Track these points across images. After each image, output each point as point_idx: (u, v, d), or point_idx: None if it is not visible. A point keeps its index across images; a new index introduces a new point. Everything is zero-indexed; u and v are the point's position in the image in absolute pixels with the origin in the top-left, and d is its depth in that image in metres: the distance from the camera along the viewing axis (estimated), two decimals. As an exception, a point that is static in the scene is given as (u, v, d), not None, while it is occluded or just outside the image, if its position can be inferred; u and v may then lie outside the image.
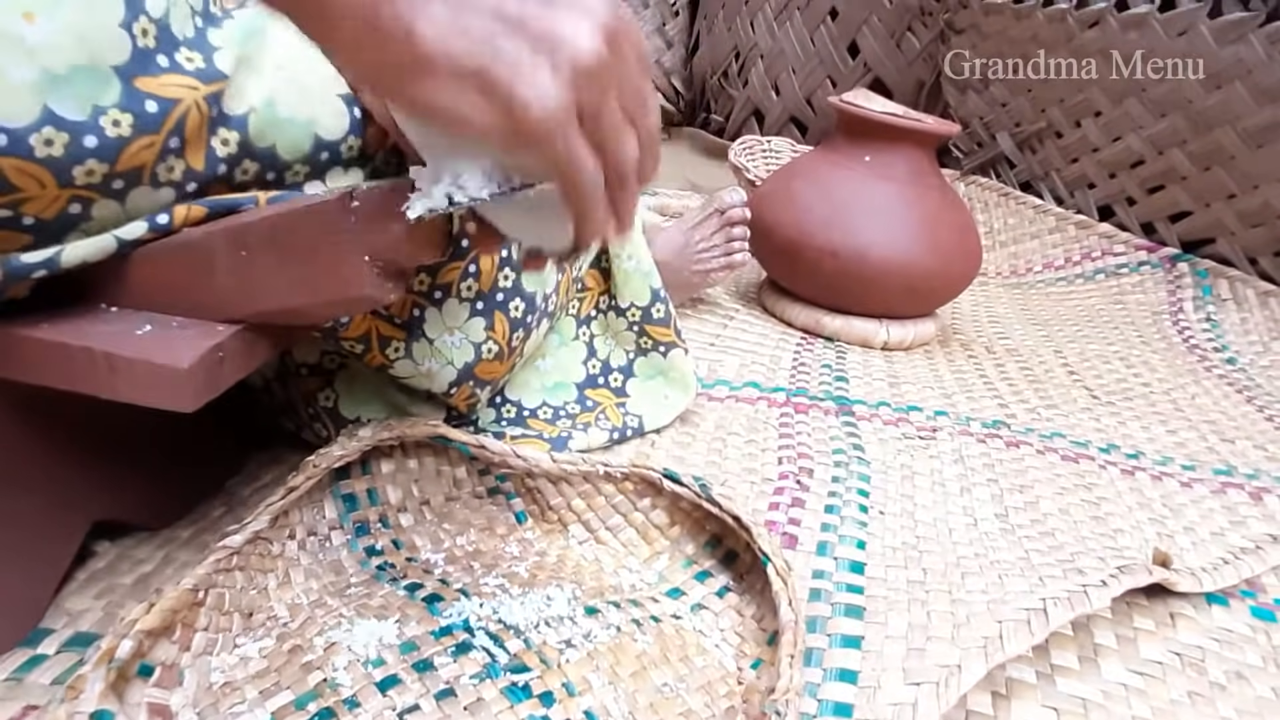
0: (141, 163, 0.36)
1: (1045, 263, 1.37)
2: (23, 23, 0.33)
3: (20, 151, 0.33)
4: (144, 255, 0.37)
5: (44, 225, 0.35)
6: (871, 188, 0.95)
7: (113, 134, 0.35)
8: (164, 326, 0.36)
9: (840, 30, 1.74)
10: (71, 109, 0.34)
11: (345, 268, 0.35)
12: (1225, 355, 1.11)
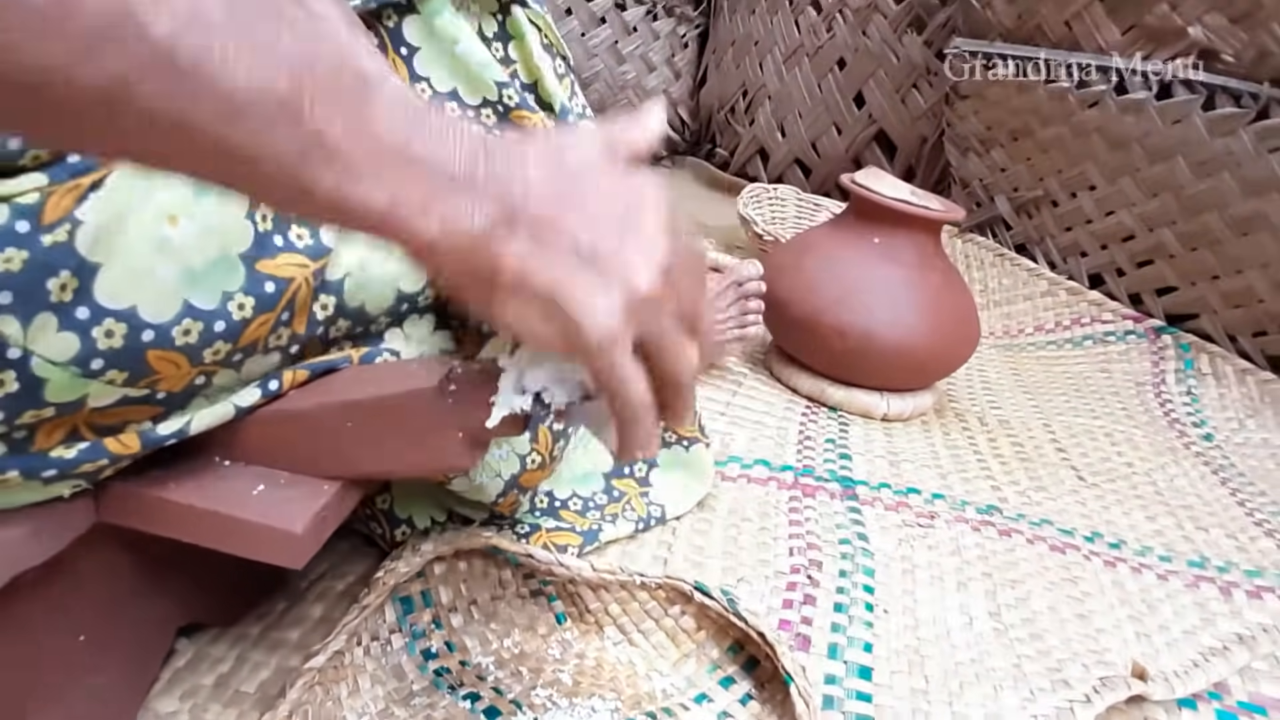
0: (258, 336, 0.41)
1: (1037, 325, 1.43)
2: (167, 226, 0.37)
3: (163, 343, 0.37)
4: (257, 419, 0.41)
5: (173, 397, 0.39)
6: (880, 271, 1.01)
7: (238, 316, 0.39)
8: (274, 485, 0.41)
9: (847, 80, 1.79)
10: (206, 300, 0.38)
11: (440, 441, 0.40)
12: (1203, 431, 1.17)
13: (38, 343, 0.33)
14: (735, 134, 2.10)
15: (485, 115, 0.63)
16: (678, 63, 2.25)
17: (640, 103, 2.20)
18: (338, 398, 0.40)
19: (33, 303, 0.33)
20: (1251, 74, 1.14)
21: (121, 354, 0.35)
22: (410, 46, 0.62)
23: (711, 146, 2.24)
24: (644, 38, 2.19)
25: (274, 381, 0.42)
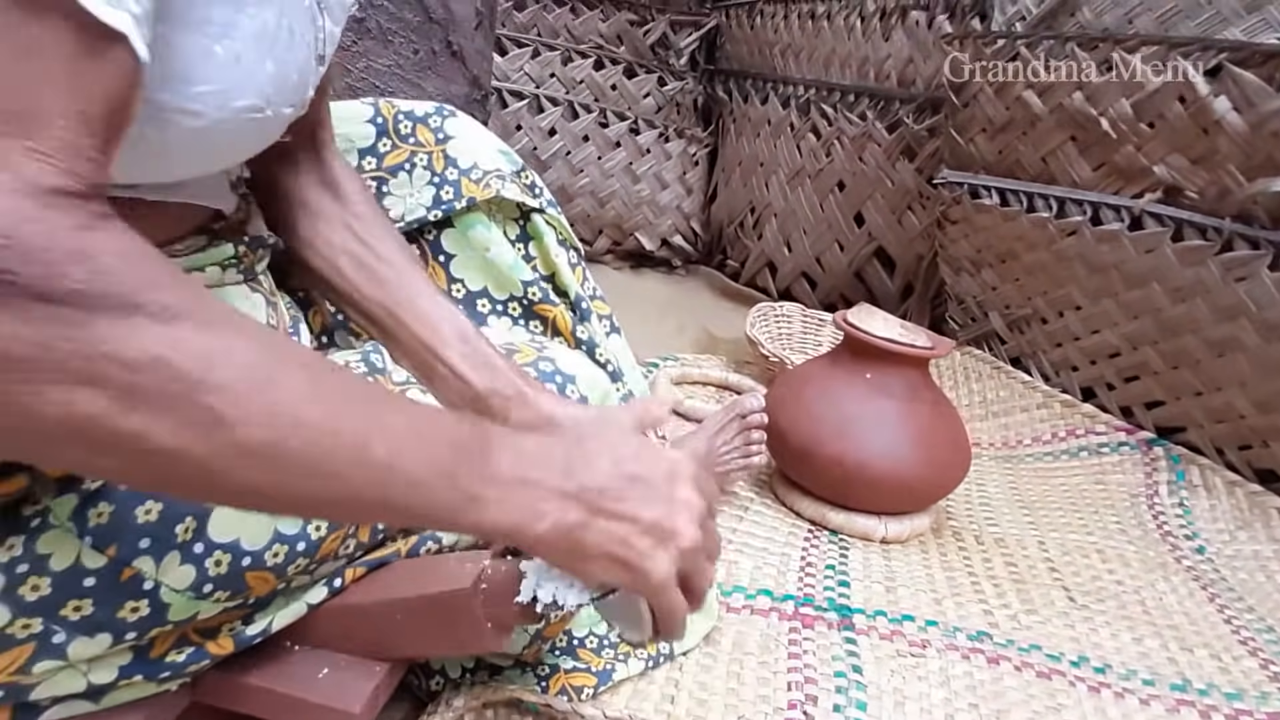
0: (331, 550, 0.50)
1: (1034, 436, 1.50)
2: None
3: (258, 565, 0.46)
4: (323, 612, 0.50)
5: (259, 601, 0.48)
6: (872, 404, 1.09)
7: (315, 537, 0.48)
8: (335, 667, 0.49)
9: (847, 201, 1.91)
10: (290, 527, 0.47)
11: (473, 629, 0.48)
12: (1195, 544, 1.22)
13: (166, 575, 0.43)
14: (745, 247, 2.22)
15: (512, 308, 0.74)
16: (689, 180, 2.40)
17: (655, 218, 2.34)
18: (390, 595, 0.49)
19: (164, 544, 0.42)
20: (1214, 210, 1.23)
21: (227, 578, 0.44)
22: (448, 254, 0.73)
23: (723, 257, 2.36)
24: (657, 158, 2.34)
25: (338, 579, 0.51)
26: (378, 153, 0.72)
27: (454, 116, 0.74)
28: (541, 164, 2.23)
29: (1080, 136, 1.37)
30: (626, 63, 2.30)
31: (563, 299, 0.75)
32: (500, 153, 0.74)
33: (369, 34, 1.24)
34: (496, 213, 0.73)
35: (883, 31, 1.82)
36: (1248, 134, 1.17)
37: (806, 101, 2.02)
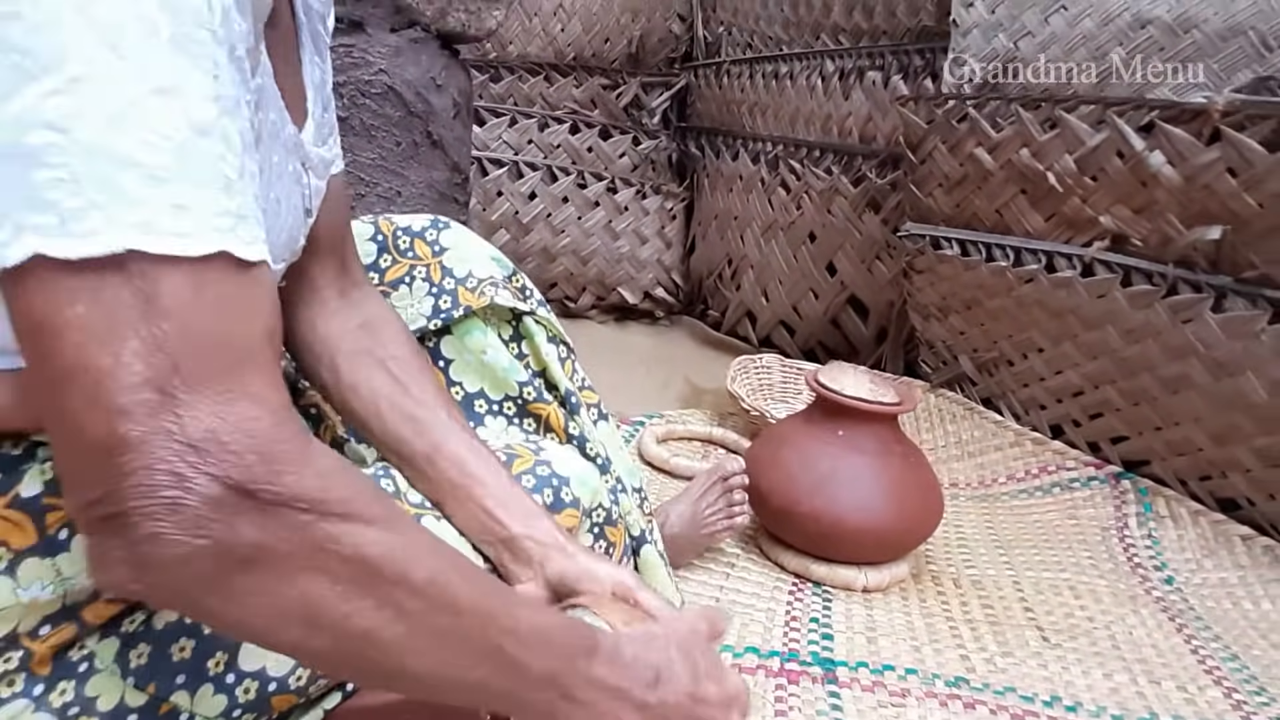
0: None
1: (1008, 474, 1.56)
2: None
3: (282, 689, 0.51)
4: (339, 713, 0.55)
5: (281, 715, 0.53)
6: (845, 461, 1.15)
7: None
8: (350, 764, 0.54)
9: (818, 252, 1.99)
10: None
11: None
12: (1164, 574, 1.28)
13: (200, 705, 0.48)
14: (724, 297, 2.29)
15: (507, 407, 0.80)
16: (668, 233, 2.47)
17: (636, 273, 2.41)
18: (396, 697, 0.54)
19: (198, 678, 0.48)
20: (1158, 256, 1.31)
21: (255, 703, 0.50)
22: (447, 360, 0.79)
23: (704, 307, 2.43)
24: (635, 215, 2.42)
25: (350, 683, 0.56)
26: (379, 268, 0.78)
27: (448, 228, 0.81)
28: (524, 227, 2.30)
29: (1030, 190, 1.45)
30: (601, 125, 2.38)
31: (554, 395, 0.81)
32: (492, 259, 0.80)
33: (353, 131, 1.31)
34: (491, 317, 0.79)
35: (842, 91, 1.91)
36: (1182, 186, 1.25)
37: (775, 157, 2.10)
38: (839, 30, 1.92)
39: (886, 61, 1.80)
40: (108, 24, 0.33)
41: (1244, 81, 1.19)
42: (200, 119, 0.35)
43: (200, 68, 0.35)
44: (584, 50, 2.34)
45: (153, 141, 0.33)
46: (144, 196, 0.33)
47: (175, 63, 0.34)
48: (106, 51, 0.33)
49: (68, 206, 0.32)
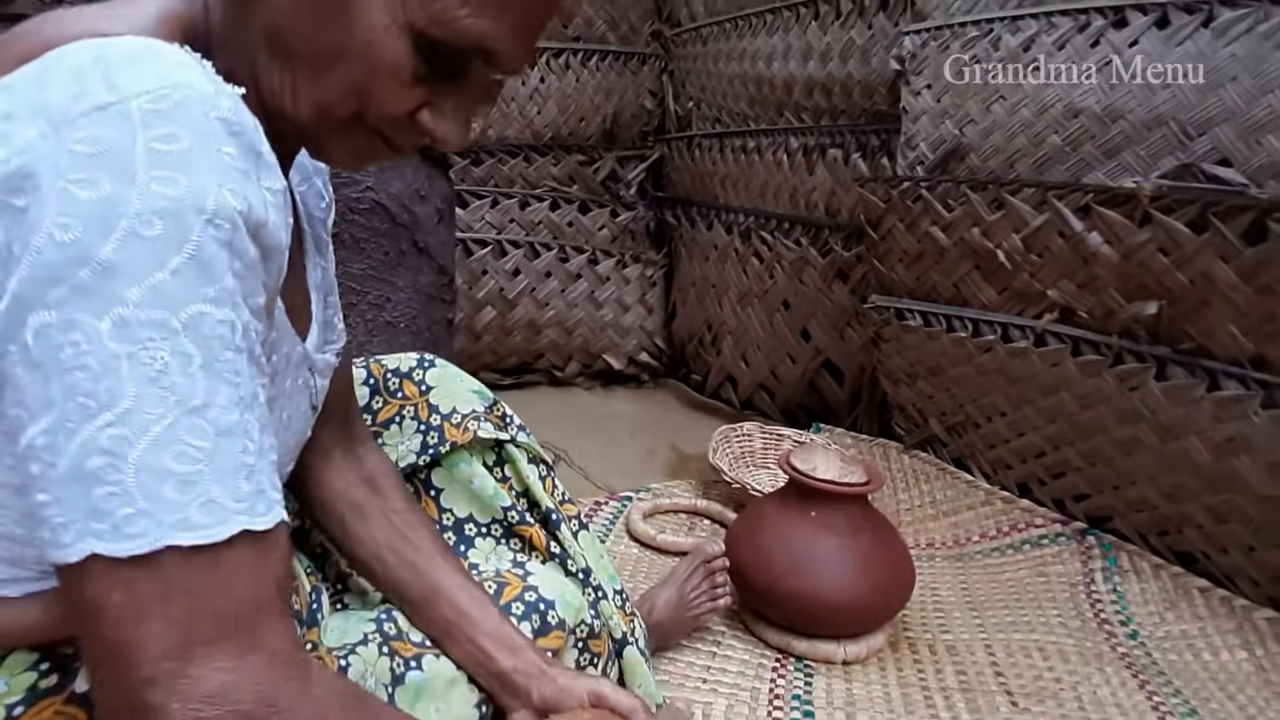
0: None
1: (981, 533, 1.63)
2: None
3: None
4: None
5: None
6: (819, 541, 1.22)
7: None
8: None
9: (793, 318, 2.07)
10: None
11: None
12: (1129, 629, 1.35)
13: None
14: (706, 362, 2.38)
15: (495, 529, 0.87)
16: (649, 300, 2.56)
17: (620, 339, 2.50)
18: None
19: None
20: (1103, 328, 1.40)
21: None
22: (437, 489, 0.87)
23: (687, 370, 2.51)
24: (617, 284, 2.51)
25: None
26: (372, 410, 0.85)
27: (433, 366, 0.88)
28: (509, 303, 2.38)
29: (982, 265, 1.54)
30: (580, 200, 2.48)
31: (536, 514, 0.88)
32: (474, 393, 0.88)
33: (343, 244, 1.39)
34: (475, 447, 0.86)
35: (806, 166, 2.01)
36: (1120, 263, 1.34)
37: (747, 228, 2.20)
38: (801, 109, 2.03)
39: (846, 140, 1.90)
40: (152, 364, 0.41)
41: (1169, 168, 1.29)
42: (225, 424, 0.43)
43: (226, 381, 0.43)
44: (560, 130, 2.45)
45: (187, 452, 0.42)
46: (180, 500, 0.41)
47: (205, 384, 0.43)
48: (150, 386, 0.41)
49: (120, 515, 0.40)
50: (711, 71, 2.32)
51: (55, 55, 0.44)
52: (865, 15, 1.82)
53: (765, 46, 2.09)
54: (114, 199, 0.40)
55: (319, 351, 0.66)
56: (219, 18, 0.53)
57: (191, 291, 0.42)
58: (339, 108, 0.53)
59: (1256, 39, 1.19)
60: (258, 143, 0.47)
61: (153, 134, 0.41)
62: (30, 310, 0.40)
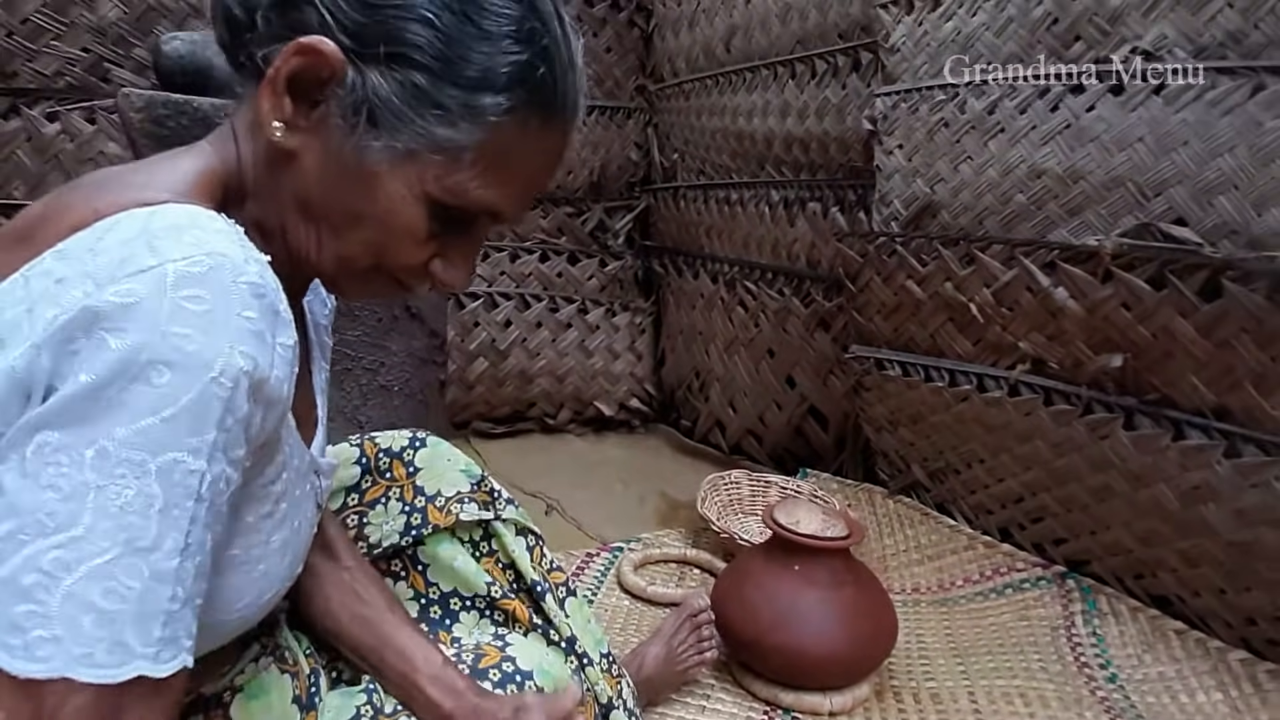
0: None
1: (965, 577, 1.66)
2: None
3: None
4: None
5: None
6: (802, 595, 1.26)
7: None
8: None
9: (778, 366, 2.12)
10: None
11: None
12: (1108, 672, 1.38)
13: None
14: (695, 408, 2.42)
15: (479, 603, 0.91)
16: (638, 347, 2.61)
17: (611, 386, 2.54)
18: None
19: None
20: (1073, 378, 1.45)
21: None
22: (423, 564, 0.90)
23: (677, 415, 2.56)
24: (606, 332, 2.56)
25: None
26: (360, 489, 0.90)
27: (424, 446, 0.93)
28: (501, 354, 2.43)
29: (956, 318, 1.59)
30: (569, 251, 2.54)
31: (521, 586, 0.92)
32: (461, 472, 0.92)
33: (338, 312, 1.43)
34: (458, 527, 0.90)
35: (788, 218, 2.07)
36: (1086, 317, 1.40)
37: (732, 277, 2.26)
38: (781, 163, 2.10)
39: (825, 194, 1.96)
40: (116, 499, 0.44)
41: (1128, 227, 1.35)
42: (162, 569, 0.45)
43: (177, 528, 0.46)
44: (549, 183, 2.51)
45: (116, 590, 0.44)
46: (93, 635, 0.43)
47: (158, 528, 0.45)
48: (105, 519, 0.44)
49: (33, 635, 0.43)
50: (694, 125, 2.39)
51: (106, 225, 0.48)
52: (839, 76, 1.90)
53: (745, 103, 2.16)
54: (136, 346, 0.45)
55: (323, 454, 0.71)
56: (253, 174, 0.58)
57: (175, 439, 0.45)
58: (359, 260, 0.58)
59: (1204, 106, 1.26)
60: (278, 303, 0.50)
61: (181, 293, 0.45)
62: (41, 428, 0.44)
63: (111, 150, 1.98)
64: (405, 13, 0.53)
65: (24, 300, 0.47)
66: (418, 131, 0.54)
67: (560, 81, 0.57)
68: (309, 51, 0.53)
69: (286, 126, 0.55)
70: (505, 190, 0.58)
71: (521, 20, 0.55)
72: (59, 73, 1.94)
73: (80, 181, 0.56)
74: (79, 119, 1.96)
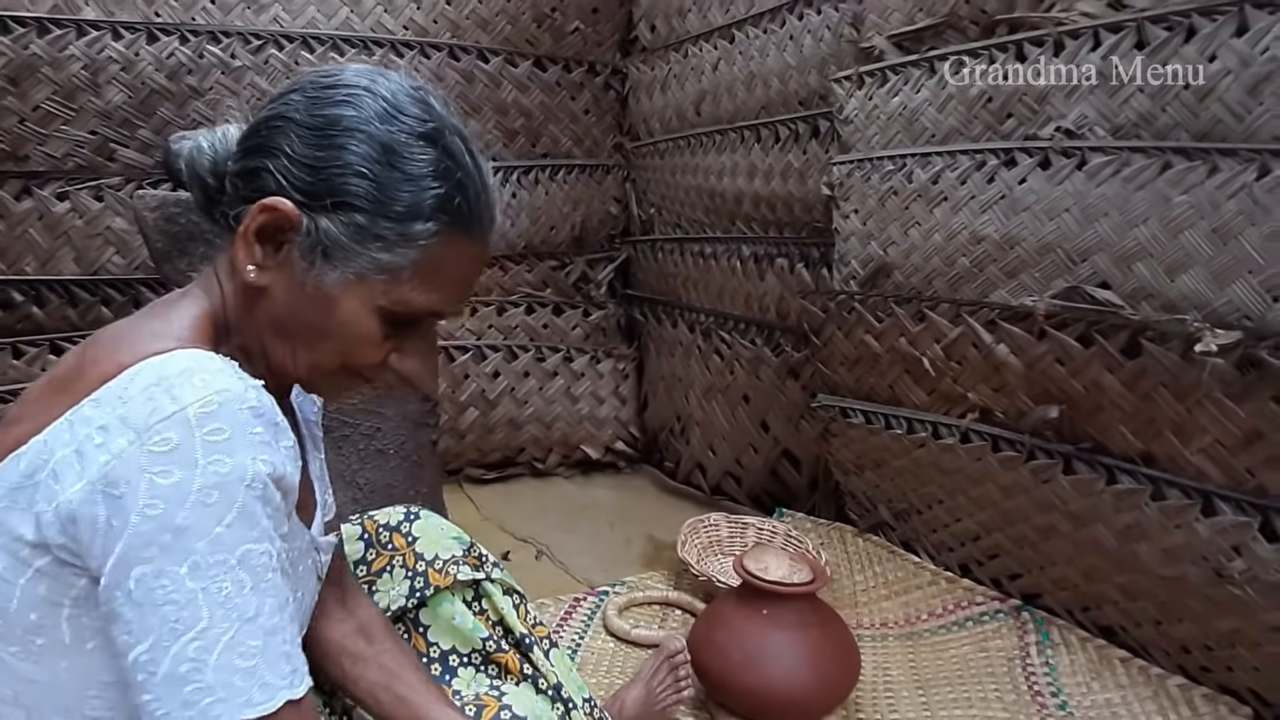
0: None
1: (929, 611, 1.77)
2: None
3: None
4: None
5: None
6: (770, 637, 1.36)
7: None
8: None
9: (753, 411, 2.24)
10: None
11: None
12: (1059, 700, 1.49)
13: None
14: (677, 450, 2.53)
15: (475, 657, 1.02)
16: (622, 392, 2.73)
17: (597, 430, 2.66)
18: None
19: None
20: (1017, 426, 1.57)
21: None
22: (424, 626, 1.02)
23: (660, 457, 2.67)
24: (591, 379, 2.68)
25: None
26: (366, 561, 1.01)
27: (418, 519, 1.04)
28: (490, 403, 2.55)
29: (911, 370, 1.72)
30: (553, 303, 2.66)
31: (510, 639, 1.03)
32: (454, 539, 1.04)
33: (337, 382, 1.55)
34: (455, 588, 1.02)
35: (758, 273, 2.20)
36: (1025, 371, 1.52)
37: (708, 327, 2.38)
38: (751, 219, 2.23)
39: (791, 251, 2.09)
40: (220, 592, 0.58)
41: (1059, 289, 1.48)
42: (270, 625, 0.60)
43: (269, 595, 0.60)
44: (533, 239, 2.64)
45: (247, 651, 0.58)
46: (244, 686, 0.58)
47: (256, 601, 0.59)
48: (219, 609, 0.58)
49: (204, 703, 0.57)
50: (669, 182, 2.52)
51: (130, 374, 0.61)
52: (800, 141, 2.03)
53: (715, 163, 2.30)
54: (184, 482, 0.57)
55: (322, 534, 0.82)
56: (234, 312, 0.72)
57: (242, 536, 0.59)
58: (328, 365, 0.72)
59: (1120, 181, 1.39)
60: (275, 416, 0.64)
61: (205, 430, 0.58)
62: (131, 566, 0.57)
63: (118, 225, 2.10)
64: (343, 169, 0.66)
65: (70, 443, 0.60)
66: (364, 260, 0.67)
67: (474, 203, 0.70)
68: (270, 209, 0.66)
69: (258, 268, 0.68)
70: (442, 294, 0.71)
71: (437, 161, 0.68)
72: (68, 154, 2.06)
73: (103, 334, 0.69)
74: (87, 197, 2.08)
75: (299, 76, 0.70)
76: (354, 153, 0.66)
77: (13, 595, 0.61)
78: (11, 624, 0.61)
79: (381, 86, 0.67)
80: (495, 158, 2.54)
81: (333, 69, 0.69)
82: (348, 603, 0.91)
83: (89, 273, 2.11)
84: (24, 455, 0.61)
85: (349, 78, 0.68)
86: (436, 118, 0.69)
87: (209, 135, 0.72)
